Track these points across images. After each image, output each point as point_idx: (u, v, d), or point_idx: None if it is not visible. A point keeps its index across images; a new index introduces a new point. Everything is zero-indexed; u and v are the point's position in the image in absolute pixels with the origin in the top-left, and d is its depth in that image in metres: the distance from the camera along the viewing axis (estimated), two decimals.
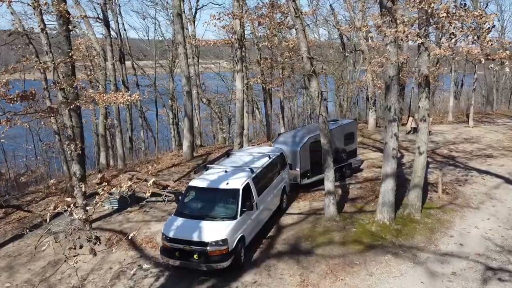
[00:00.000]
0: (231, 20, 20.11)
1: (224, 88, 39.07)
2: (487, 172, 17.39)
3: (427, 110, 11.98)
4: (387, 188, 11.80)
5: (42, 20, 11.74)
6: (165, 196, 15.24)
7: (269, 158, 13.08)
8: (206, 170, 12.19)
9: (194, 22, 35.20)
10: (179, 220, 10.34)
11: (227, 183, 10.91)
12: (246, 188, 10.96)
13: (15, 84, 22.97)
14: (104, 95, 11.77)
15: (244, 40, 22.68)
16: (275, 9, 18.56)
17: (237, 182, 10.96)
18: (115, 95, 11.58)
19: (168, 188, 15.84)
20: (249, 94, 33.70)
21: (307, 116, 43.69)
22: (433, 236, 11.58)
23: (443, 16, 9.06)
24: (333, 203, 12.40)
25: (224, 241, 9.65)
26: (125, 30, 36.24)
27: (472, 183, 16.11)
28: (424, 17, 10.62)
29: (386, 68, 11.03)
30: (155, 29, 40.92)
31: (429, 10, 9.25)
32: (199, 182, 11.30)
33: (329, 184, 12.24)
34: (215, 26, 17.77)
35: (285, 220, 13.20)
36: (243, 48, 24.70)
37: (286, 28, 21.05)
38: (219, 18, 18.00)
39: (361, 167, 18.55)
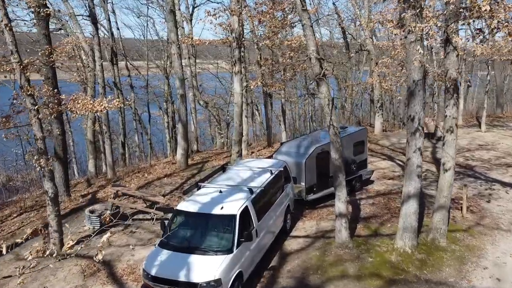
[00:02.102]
0: (228, 17, 18.41)
1: (223, 89, 37.31)
2: (511, 185, 15.71)
3: (455, 119, 10.28)
4: (409, 211, 10.09)
5: (6, 14, 10.03)
6: (154, 214, 13.52)
7: (271, 174, 11.36)
8: (197, 189, 10.47)
9: (191, 21, 33.46)
10: (164, 254, 8.63)
11: (222, 208, 9.19)
12: (244, 213, 9.26)
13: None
14: (79, 101, 10.01)
15: (243, 39, 20.98)
16: (277, 6, 16.86)
17: (234, 206, 9.25)
18: (91, 101, 9.87)
19: (158, 204, 14.14)
20: (249, 96, 32.09)
21: (309, 118, 42.04)
22: (464, 268, 9.87)
23: (485, 10, 7.35)
24: (345, 227, 10.69)
25: (218, 282, 7.95)
26: (118, 29, 34.71)
27: (497, 199, 14.41)
28: (454, 11, 8.93)
29: (410, 72, 9.32)
30: (146, 28, 39.58)
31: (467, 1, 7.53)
32: (188, 205, 9.58)
33: (341, 206, 10.53)
34: (210, 23, 16.00)
35: (290, 245, 11.48)
36: (242, 48, 23.04)
37: (289, 26, 19.37)
38: (214, 15, 16.27)
39: (371, 178, 16.86)
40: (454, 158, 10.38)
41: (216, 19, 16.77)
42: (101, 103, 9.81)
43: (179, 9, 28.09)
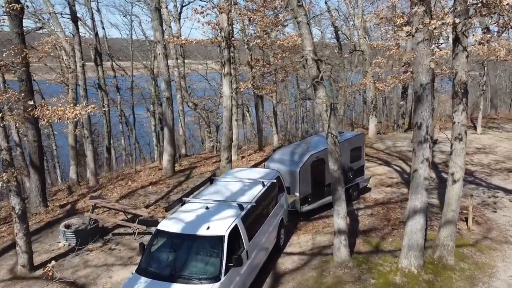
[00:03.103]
0: (217, 16, 17.39)
1: (212, 91, 36.20)
2: None
3: (464, 125, 9.38)
4: (415, 227, 9.17)
5: None
6: (135, 229, 12.44)
7: (263, 186, 10.36)
8: (181, 205, 9.42)
9: (179, 20, 32.31)
10: (142, 282, 7.57)
11: (208, 228, 8.16)
12: (234, 233, 8.25)
13: None
14: (49, 107, 8.91)
15: (233, 38, 19.97)
16: (268, 3, 15.88)
17: (221, 225, 8.23)
18: (62, 108, 8.75)
19: (141, 217, 13.05)
20: (240, 97, 31.01)
21: (300, 120, 41.19)
22: None
23: (507, 4, 6.46)
24: (344, 245, 9.74)
25: None
26: (103, 28, 33.21)
27: (503, 208, 13.61)
28: (465, 7, 8.05)
29: (418, 74, 8.39)
30: (131, 26, 37.62)
31: None
32: (170, 224, 8.52)
33: (340, 222, 9.58)
34: (198, 21, 14.98)
35: (284, 263, 10.49)
36: (232, 48, 22.01)
37: (281, 25, 18.42)
38: (202, 12, 15.24)
39: (368, 185, 15.96)
40: (463, 169, 9.49)
41: (203, 17, 15.78)
42: (73, 110, 8.70)
43: (167, 8, 27.00)
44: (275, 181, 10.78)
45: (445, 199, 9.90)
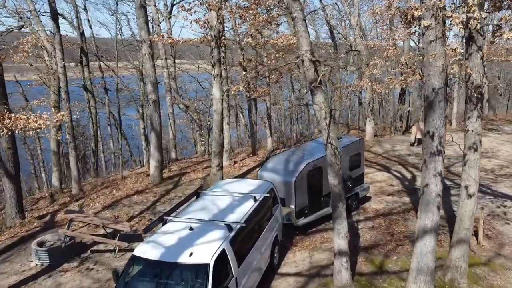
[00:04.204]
0: (206, 13, 16.32)
1: (203, 92, 35.07)
2: None
3: (479, 135, 8.41)
4: (425, 249, 8.18)
5: None
6: (116, 246, 11.34)
7: (255, 201, 9.32)
8: (162, 225, 8.35)
9: (169, 18, 31.16)
10: None
11: (191, 254, 7.09)
12: (221, 259, 7.20)
13: None
14: (12, 116, 7.80)
15: (223, 38, 18.91)
16: (261, 0, 14.84)
17: (206, 250, 7.17)
18: (23, 116, 7.66)
19: (122, 231, 11.95)
20: (233, 98, 29.90)
21: (295, 121, 40.22)
22: None
23: None
24: (346, 268, 8.73)
25: None
26: (90, 27, 31.95)
27: None
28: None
29: (429, 77, 7.39)
30: (116, 24, 36.15)
31: None
32: (148, 249, 7.44)
33: (341, 242, 8.56)
34: (186, 19, 13.91)
35: (278, 286, 9.45)
36: (223, 48, 20.96)
37: (275, 23, 17.41)
38: (189, 10, 14.19)
39: (368, 194, 14.99)
40: (477, 182, 8.52)
41: (191, 15, 14.72)
42: (37, 120, 7.60)
43: (155, 6, 25.83)
44: (267, 195, 9.72)
45: (457, 215, 8.94)
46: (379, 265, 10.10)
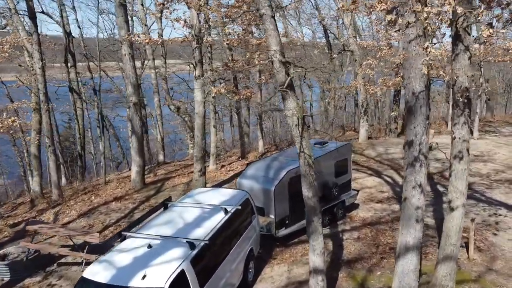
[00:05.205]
0: (184, 12, 15.62)
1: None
2: None
3: (466, 141, 7.71)
4: (407, 267, 7.48)
5: None
6: (83, 259, 10.64)
7: (226, 213, 8.62)
8: (121, 241, 7.64)
9: (160, 18, 30.46)
10: None
11: (144, 277, 6.39)
12: (179, 281, 6.50)
13: None
14: None
15: (208, 38, 18.22)
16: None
17: (162, 273, 6.47)
18: None
19: (92, 242, 11.23)
20: (228, 99, 29.10)
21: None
22: None
23: None
24: (322, 287, 8.01)
25: None
26: (79, 27, 31.18)
27: (507, 229, 11.98)
28: None
29: (410, 80, 6.70)
30: (97, 24, 35.85)
31: None
32: (98, 271, 6.73)
33: (316, 259, 7.86)
34: (166, 18, 13.23)
35: None
36: (209, 48, 20.29)
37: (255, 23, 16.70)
38: (168, 7, 13.52)
39: (356, 200, 14.30)
40: (465, 194, 7.81)
41: (170, 14, 14.04)
42: None
43: (142, 5, 25.19)
44: (239, 207, 9.00)
45: (443, 229, 8.23)
46: (361, 281, 9.40)
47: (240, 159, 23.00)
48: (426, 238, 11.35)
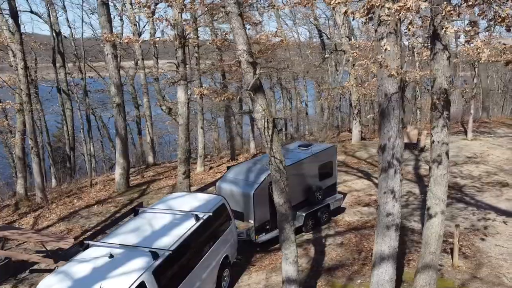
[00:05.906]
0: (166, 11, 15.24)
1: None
2: (508, 213, 12.98)
3: (444, 144, 7.35)
4: (383, 278, 7.13)
5: None
6: (56, 267, 10.27)
7: (197, 220, 8.26)
8: (83, 250, 7.29)
9: (152, 18, 30.01)
10: None
11: None
12: None
13: None
14: None
15: (195, 37, 17.89)
16: None
17: (120, 285, 6.12)
18: None
19: (64, 249, 10.87)
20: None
21: (283, 124, 39.12)
22: None
23: None
24: None
25: None
26: (69, 27, 31.03)
27: (495, 234, 11.62)
28: None
29: (382, 81, 6.36)
30: (82, 23, 35.24)
31: None
32: (54, 283, 6.38)
33: (289, 268, 7.50)
34: (149, 17, 12.90)
35: None
36: (196, 48, 19.92)
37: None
38: (148, 6, 13.20)
39: (343, 204, 13.96)
40: (444, 201, 7.45)
41: (154, 14, 13.76)
42: None
43: (131, 4, 24.79)
44: (211, 214, 8.63)
45: (422, 237, 7.87)
46: None
47: (230, 160, 22.65)
48: (411, 243, 11.02)
